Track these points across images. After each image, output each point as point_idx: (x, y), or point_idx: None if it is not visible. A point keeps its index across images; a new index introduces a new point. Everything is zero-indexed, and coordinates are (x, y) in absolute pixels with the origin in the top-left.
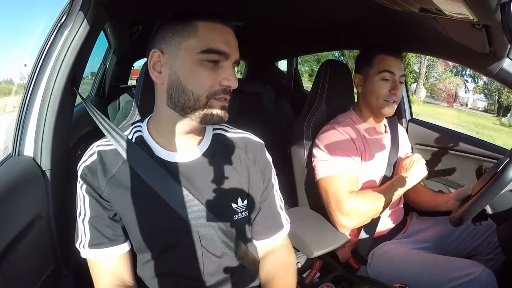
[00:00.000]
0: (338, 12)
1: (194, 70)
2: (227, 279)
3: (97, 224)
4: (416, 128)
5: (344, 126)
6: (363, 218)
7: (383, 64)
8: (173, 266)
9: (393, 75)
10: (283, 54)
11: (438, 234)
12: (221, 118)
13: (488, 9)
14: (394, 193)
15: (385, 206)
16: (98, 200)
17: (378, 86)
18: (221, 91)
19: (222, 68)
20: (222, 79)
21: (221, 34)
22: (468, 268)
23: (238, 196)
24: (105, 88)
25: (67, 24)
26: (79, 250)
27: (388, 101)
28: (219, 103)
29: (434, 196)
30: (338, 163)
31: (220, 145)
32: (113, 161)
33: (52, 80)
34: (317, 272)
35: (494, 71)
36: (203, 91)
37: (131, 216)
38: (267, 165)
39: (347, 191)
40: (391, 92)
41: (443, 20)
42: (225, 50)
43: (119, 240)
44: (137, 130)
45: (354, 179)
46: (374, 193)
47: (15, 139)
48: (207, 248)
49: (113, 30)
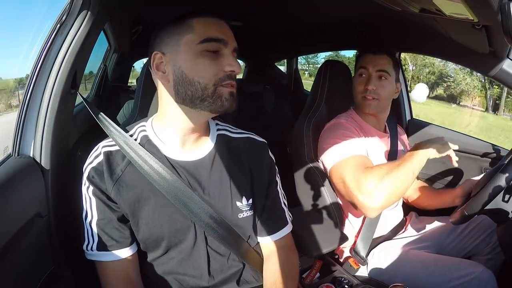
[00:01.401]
0: (338, 12)
1: (196, 61)
2: (231, 277)
3: (105, 226)
4: (416, 128)
5: (347, 122)
6: (387, 192)
7: (361, 61)
8: (178, 264)
9: (367, 71)
10: (283, 54)
11: (438, 234)
12: (231, 104)
13: (488, 10)
14: (413, 162)
15: (407, 178)
16: (106, 202)
17: (355, 83)
18: (226, 77)
19: (223, 56)
20: (225, 65)
21: (216, 25)
22: (468, 268)
23: (243, 195)
24: (105, 88)
25: (67, 24)
26: (86, 252)
27: (365, 97)
28: (227, 89)
29: (439, 195)
30: (348, 148)
31: (225, 145)
32: (119, 161)
33: (52, 80)
34: (317, 272)
35: (494, 72)
36: (209, 79)
37: (139, 216)
38: (270, 164)
39: (363, 168)
40: (365, 88)
41: (443, 21)
42: (222, 37)
43: (127, 242)
44: (142, 130)
45: (366, 159)
46: (390, 164)
47: (15, 139)
48: (212, 246)
49: (113, 30)
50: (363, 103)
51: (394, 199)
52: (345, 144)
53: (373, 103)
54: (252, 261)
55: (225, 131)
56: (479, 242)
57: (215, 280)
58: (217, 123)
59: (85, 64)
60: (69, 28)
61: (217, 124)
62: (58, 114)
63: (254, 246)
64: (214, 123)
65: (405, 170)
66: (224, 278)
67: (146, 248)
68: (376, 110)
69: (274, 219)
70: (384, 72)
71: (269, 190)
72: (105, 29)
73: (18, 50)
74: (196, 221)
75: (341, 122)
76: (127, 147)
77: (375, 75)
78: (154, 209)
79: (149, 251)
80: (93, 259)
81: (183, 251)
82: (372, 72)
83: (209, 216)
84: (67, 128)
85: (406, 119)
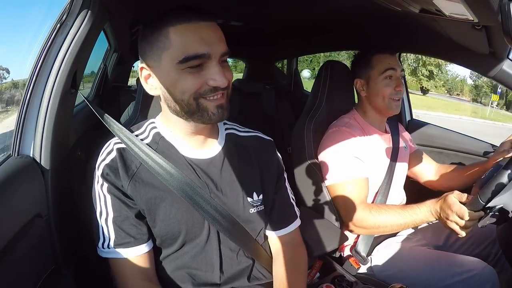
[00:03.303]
0: (338, 12)
1: (178, 79)
2: (242, 273)
3: (122, 223)
4: (416, 128)
5: (349, 127)
6: (370, 230)
7: (384, 63)
8: (191, 259)
9: (395, 72)
10: (283, 54)
11: (438, 234)
12: (219, 117)
13: (488, 10)
14: (411, 219)
15: (398, 227)
16: (122, 199)
17: (383, 86)
18: (209, 91)
19: (206, 69)
20: (208, 79)
21: (195, 35)
22: (470, 264)
23: (254, 190)
24: (105, 88)
25: (67, 23)
26: (101, 250)
27: (394, 99)
28: (212, 103)
29: (463, 172)
30: (345, 168)
31: (234, 144)
32: (133, 158)
33: (52, 80)
34: (317, 272)
35: (494, 72)
36: (189, 94)
37: (156, 212)
38: (278, 161)
39: (357, 199)
40: (396, 90)
41: (443, 21)
42: (203, 52)
43: (144, 239)
44: (153, 127)
45: (362, 183)
46: (387, 210)
47: (15, 138)
48: (224, 242)
49: (113, 30)
50: (391, 106)
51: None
52: (341, 165)
53: (399, 103)
54: (261, 257)
55: (233, 130)
56: (481, 242)
57: (226, 275)
58: (225, 123)
59: (85, 64)
60: (69, 28)
61: (225, 124)
62: (58, 114)
63: (263, 243)
64: (222, 123)
65: (400, 222)
66: (234, 273)
67: (162, 244)
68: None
69: (284, 214)
70: (403, 71)
71: (278, 185)
72: (105, 29)
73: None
74: (207, 218)
75: (342, 132)
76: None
77: (400, 75)
78: (171, 205)
79: (164, 246)
80: (109, 257)
81: (197, 246)
82: (398, 74)
83: (219, 213)
84: (67, 128)
85: (406, 119)
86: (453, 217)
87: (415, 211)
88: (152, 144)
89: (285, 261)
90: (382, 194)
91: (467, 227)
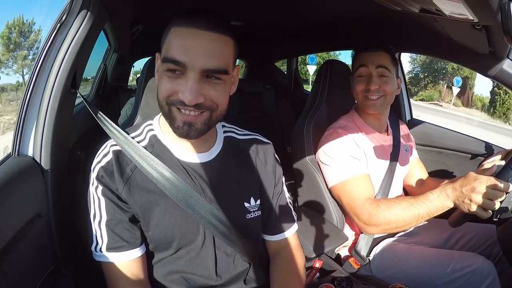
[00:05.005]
0: (338, 12)
1: (160, 78)
2: (238, 277)
3: (115, 227)
4: (416, 128)
5: (347, 129)
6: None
7: (359, 60)
8: (186, 264)
9: (367, 69)
10: (283, 54)
11: (438, 235)
12: (183, 133)
13: (488, 10)
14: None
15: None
16: (116, 202)
17: (355, 83)
18: (178, 103)
19: (184, 79)
20: (179, 90)
21: (184, 40)
22: (469, 259)
23: (251, 195)
24: (105, 88)
25: (67, 23)
26: (94, 253)
27: (367, 96)
28: (180, 116)
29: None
30: (346, 167)
31: (232, 147)
32: (128, 160)
33: (52, 80)
34: (317, 272)
35: (494, 72)
36: (162, 98)
37: (150, 217)
38: (276, 164)
39: (361, 196)
40: (367, 87)
41: (443, 21)
42: (180, 59)
43: (138, 243)
44: (150, 129)
45: (364, 179)
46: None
47: (15, 138)
48: (219, 247)
49: (113, 30)
50: (365, 104)
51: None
52: (341, 165)
53: (378, 102)
54: (258, 260)
55: (231, 133)
56: (481, 243)
57: (222, 279)
58: (223, 125)
59: (85, 64)
60: (69, 28)
61: (224, 126)
62: (58, 114)
63: (260, 247)
64: (221, 125)
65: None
66: (231, 277)
67: (155, 248)
68: (380, 109)
69: (282, 218)
70: (384, 68)
71: (276, 189)
72: (105, 29)
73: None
74: (202, 223)
75: (339, 134)
76: (131, 150)
77: (376, 73)
78: (165, 210)
79: (158, 251)
80: (102, 260)
81: (192, 251)
82: (372, 70)
83: (215, 218)
84: (67, 128)
85: (406, 119)
86: (480, 187)
87: (428, 197)
88: (148, 147)
89: (282, 265)
90: (381, 194)
91: (498, 196)
